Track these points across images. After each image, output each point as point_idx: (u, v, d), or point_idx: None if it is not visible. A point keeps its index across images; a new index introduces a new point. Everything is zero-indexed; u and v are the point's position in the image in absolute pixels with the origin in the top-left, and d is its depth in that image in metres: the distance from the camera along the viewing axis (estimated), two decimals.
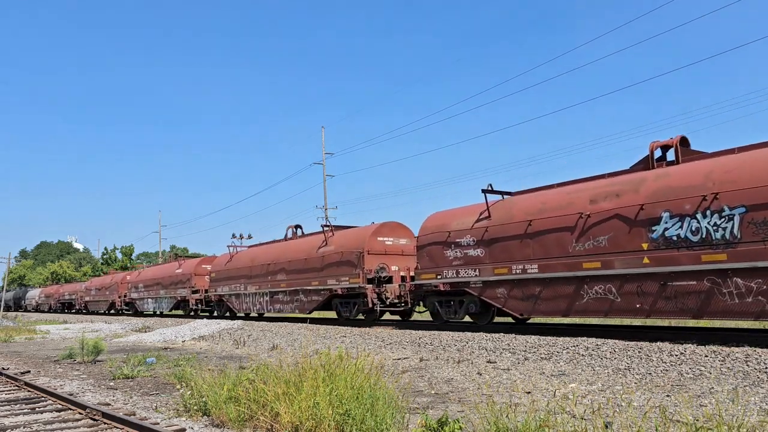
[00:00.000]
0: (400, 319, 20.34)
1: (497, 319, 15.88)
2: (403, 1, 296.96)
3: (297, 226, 24.85)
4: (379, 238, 19.63)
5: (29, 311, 67.90)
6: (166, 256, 45.27)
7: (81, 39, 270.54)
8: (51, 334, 23.91)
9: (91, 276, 76.89)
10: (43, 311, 62.26)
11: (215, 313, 29.35)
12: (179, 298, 32.34)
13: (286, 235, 25.12)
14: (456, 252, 15.15)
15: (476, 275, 14.58)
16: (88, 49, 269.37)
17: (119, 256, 75.88)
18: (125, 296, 40.51)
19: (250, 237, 28.50)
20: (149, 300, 36.55)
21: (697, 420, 5.52)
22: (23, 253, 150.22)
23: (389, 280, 18.95)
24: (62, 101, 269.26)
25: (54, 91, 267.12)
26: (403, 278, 18.61)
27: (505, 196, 15.06)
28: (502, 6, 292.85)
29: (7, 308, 79.02)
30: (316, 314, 23.35)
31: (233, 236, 28.48)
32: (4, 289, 73.79)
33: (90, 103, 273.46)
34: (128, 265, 72.17)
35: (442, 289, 15.63)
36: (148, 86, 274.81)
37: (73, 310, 52.88)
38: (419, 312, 18.62)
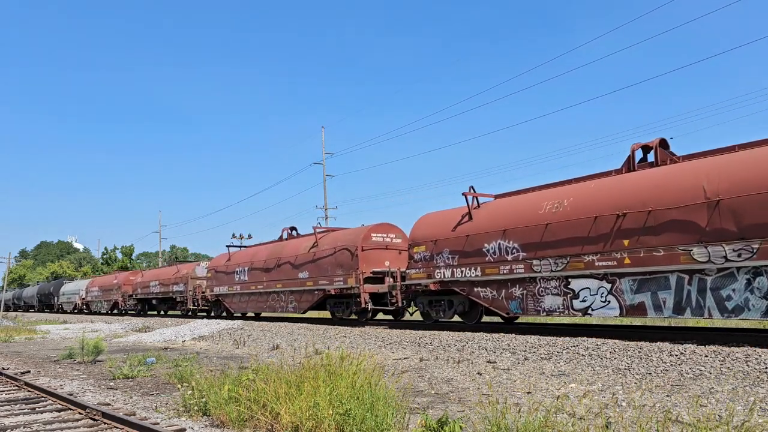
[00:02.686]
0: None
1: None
2: (403, 2, 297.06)
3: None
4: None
5: (65, 312, 49.39)
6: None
7: (81, 38, 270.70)
8: (51, 334, 23.91)
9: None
10: (98, 313, 43.44)
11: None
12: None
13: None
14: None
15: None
16: (88, 49, 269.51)
17: (119, 256, 75.88)
18: (401, 280, 17.58)
19: (249, 237, 28.50)
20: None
21: (698, 420, 5.52)
22: (23, 253, 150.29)
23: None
24: (62, 101, 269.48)
25: (54, 91, 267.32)
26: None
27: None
28: (502, 6, 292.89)
29: (27, 307, 63.26)
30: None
31: (233, 236, 28.48)
32: (4, 289, 70.86)
33: (90, 103, 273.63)
34: (128, 265, 71.95)
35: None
36: (148, 86, 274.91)
37: (176, 311, 33.57)
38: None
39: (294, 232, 24.43)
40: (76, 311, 48.59)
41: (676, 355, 9.24)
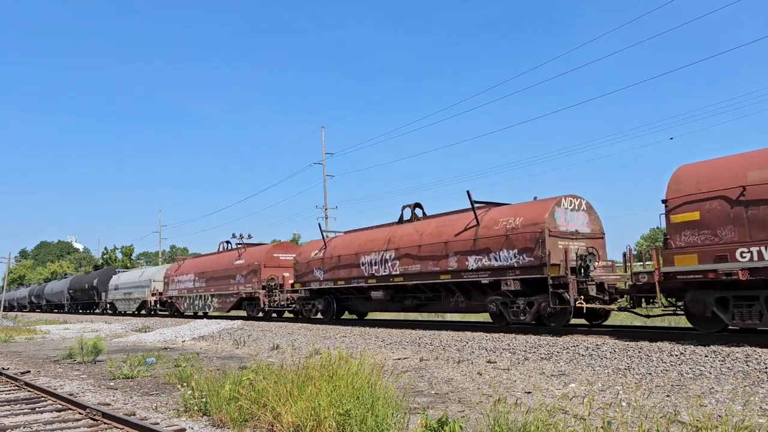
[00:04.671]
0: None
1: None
2: (403, 2, 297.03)
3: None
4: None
5: (121, 314, 36.05)
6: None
7: (80, 38, 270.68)
8: (51, 334, 23.90)
9: None
10: (197, 315, 28.89)
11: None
12: None
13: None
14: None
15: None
16: (88, 48, 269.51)
17: (119, 256, 75.87)
18: None
19: (250, 237, 28.45)
20: None
21: (698, 420, 5.52)
22: (23, 253, 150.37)
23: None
24: (62, 101, 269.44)
25: (54, 90, 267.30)
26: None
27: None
28: (502, 6, 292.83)
29: (52, 308, 49.69)
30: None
31: (233, 236, 28.43)
32: (5, 288, 69.54)
33: (89, 102, 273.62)
34: (128, 264, 71.85)
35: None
36: (148, 86, 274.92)
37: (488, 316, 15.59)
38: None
39: None
40: (138, 313, 33.56)
41: (676, 355, 9.24)
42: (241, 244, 26.75)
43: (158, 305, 32.09)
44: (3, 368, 11.85)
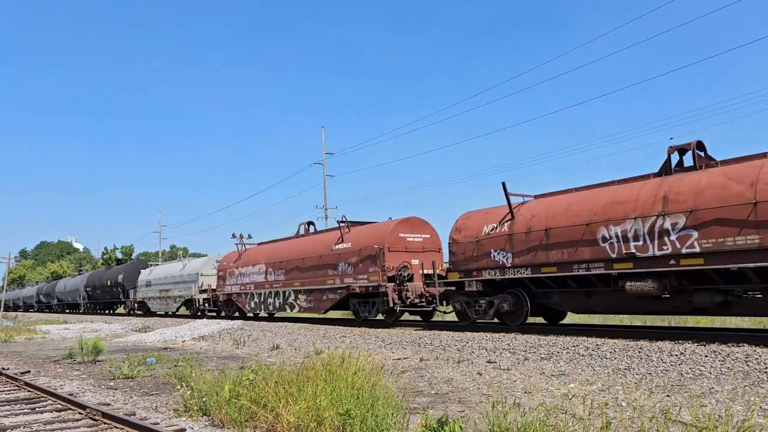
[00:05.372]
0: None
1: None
2: (403, 2, 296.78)
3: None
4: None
5: (154, 315, 31.06)
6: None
7: (80, 38, 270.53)
8: (51, 334, 23.90)
9: None
10: (259, 314, 24.42)
11: None
12: None
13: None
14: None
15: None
16: (87, 48, 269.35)
17: (119, 256, 75.83)
18: None
19: (249, 237, 28.45)
20: None
21: (698, 420, 5.52)
22: (23, 253, 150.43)
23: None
24: (62, 101, 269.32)
25: (54, 90, 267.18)
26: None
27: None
28: (503, 6, 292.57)
29: (63, 308, 46.79)
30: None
31: (233, 236, 28.38)
32: (5, 289, 68.92)
33: (89, 102, 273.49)
34: None
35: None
36: (148, 86, 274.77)
37: None
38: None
39: None
40: (180, 313, 28.44)
41: (676, 355, 9.24)
42: (344, 222, 20.34)
43: (204, 306, 26.96)
44: (3, 368, 11.85)
